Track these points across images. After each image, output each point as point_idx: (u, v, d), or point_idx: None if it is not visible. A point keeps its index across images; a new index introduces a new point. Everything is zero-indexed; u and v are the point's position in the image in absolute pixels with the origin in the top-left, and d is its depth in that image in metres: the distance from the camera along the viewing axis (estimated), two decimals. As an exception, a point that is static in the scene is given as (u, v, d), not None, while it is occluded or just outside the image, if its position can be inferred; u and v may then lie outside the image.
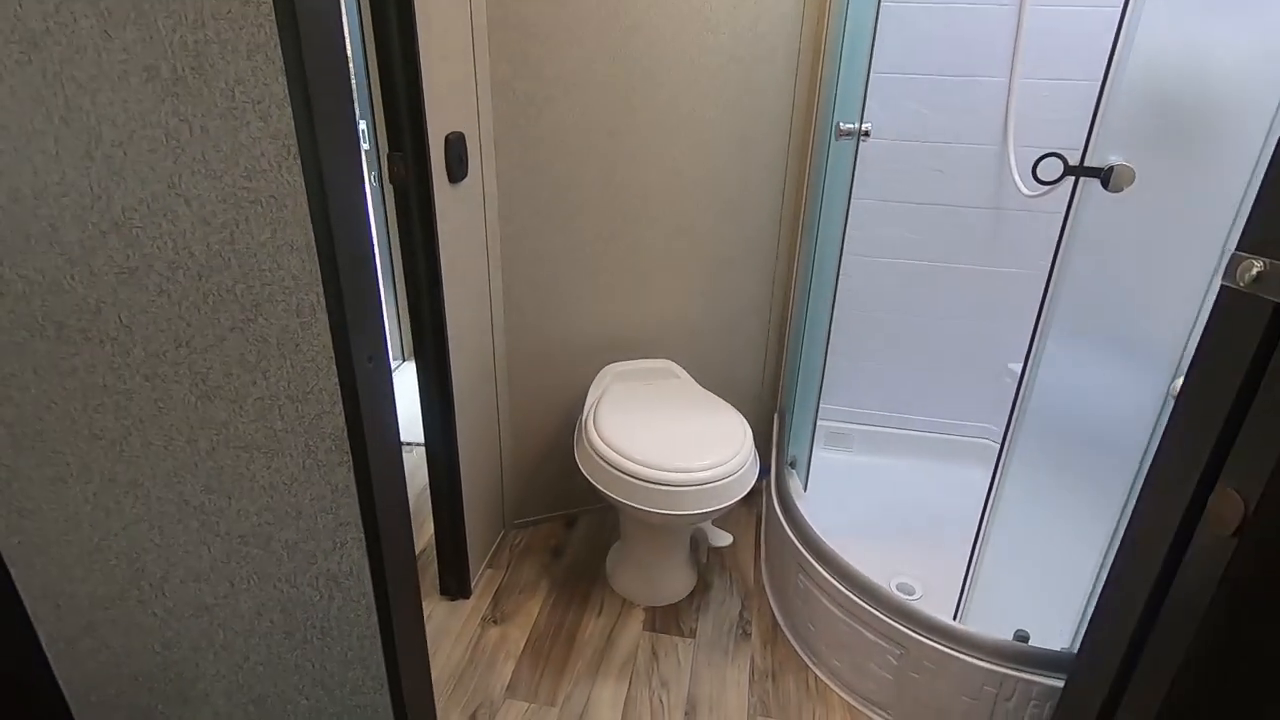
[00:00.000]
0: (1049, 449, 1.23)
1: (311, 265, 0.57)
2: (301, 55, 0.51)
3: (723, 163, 1.74)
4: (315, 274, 0.58)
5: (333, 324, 0.58)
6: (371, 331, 0.60)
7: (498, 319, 1.71)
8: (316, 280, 0.58)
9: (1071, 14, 1.59)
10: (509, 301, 1.74)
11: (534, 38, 1.52)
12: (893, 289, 1.93)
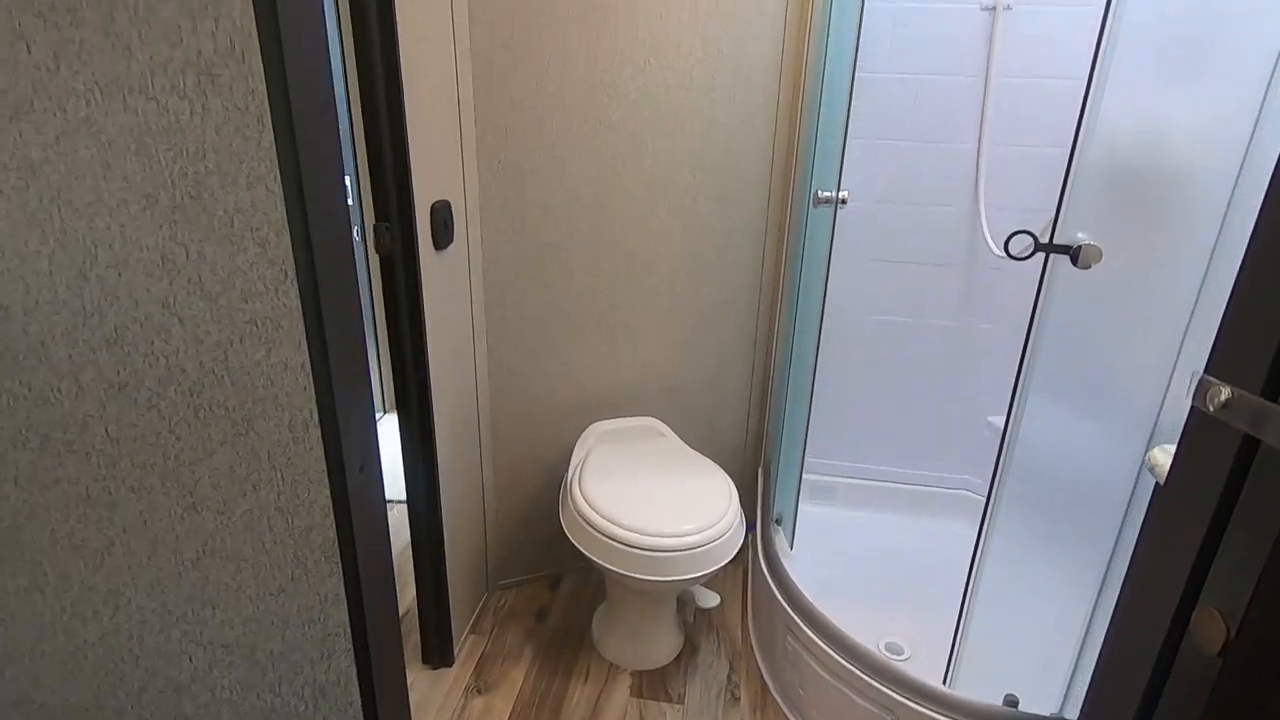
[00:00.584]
0: (1032, 507, 1.25)
1: (306, 383, 0.57)
2: (302, 187, 0.51)
3: (705, 223, 1.78)
4: (310, 392, 0.58)
5: (325, 437, 0.58)
6: (363, 440, 0.60)
7: (482, 378, 1.71)
8: (311, 398, 0.58)
9: (1033, 85, 1.66)
10: (493, 360, 1.74)
11: (519, 108, 1.55)
12: (872, 344, 1.97)
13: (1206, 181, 1.02)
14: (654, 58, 1.60)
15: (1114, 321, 1.14)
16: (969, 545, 1.96)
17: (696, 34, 1.61)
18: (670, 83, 1.63)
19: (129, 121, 0.51)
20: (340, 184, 0.54)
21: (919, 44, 1.67)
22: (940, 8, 1.63)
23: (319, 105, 0.51)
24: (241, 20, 0.49)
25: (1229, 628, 0.43)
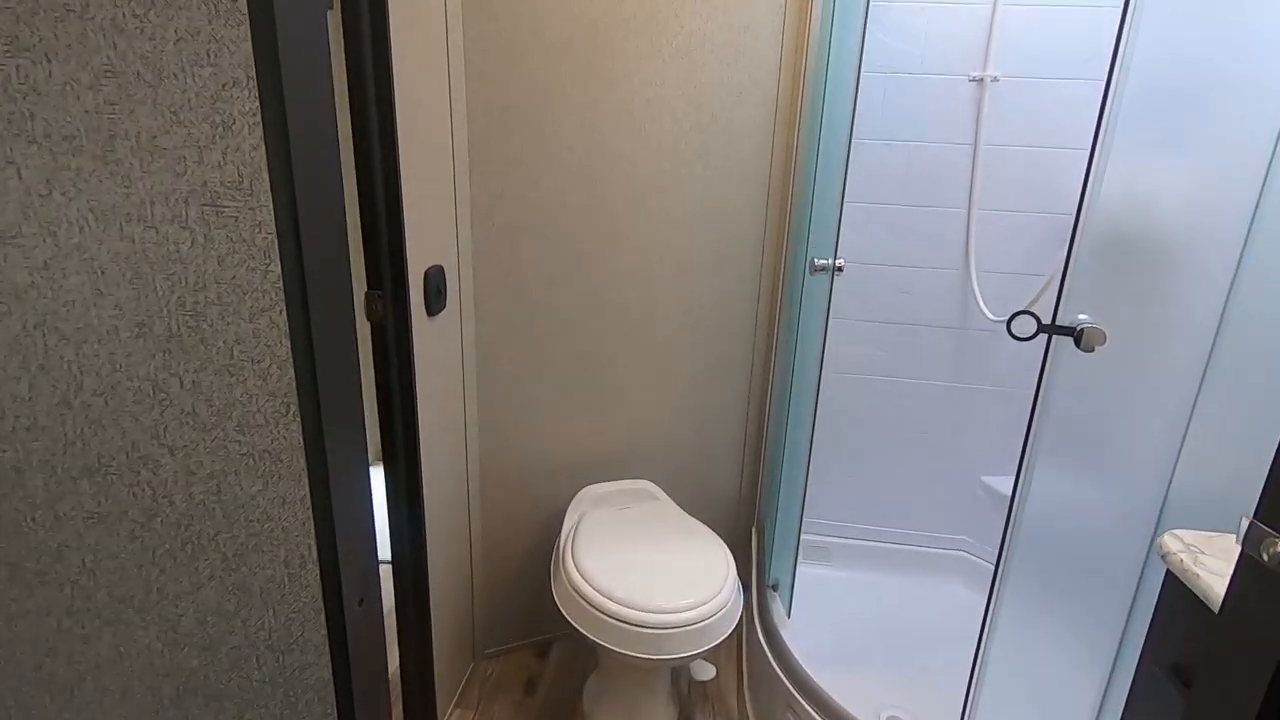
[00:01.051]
0: (1039, 578, 1.23)
1: (306, 519, 0.54)
2: (309, 320, 0.49)
3: (699, 285, 1.77)
4: (309, 528, 0.54)
5: (324, 572, 0.54)
6: (365, 573, 0.56)
7: (472, 439, 1.67)
8: (310, 534, 0.54)
9: (1020, 154, 1.69)
10: (484, 422, 1.70)
11: (515, 167, 1.55)
12: (866, 404, 1.96)
13: (1207, 258, 1.02)
14: (650, 123, 1.61)
15: (1118, 397, 1.13)
16: (966, 607, 1.93)
17: (692, 100, 1.63)
18: (665, 146, 1.64)
19: (124, 249, 0.48)
20: (350, 316, 0.52)
21: (909, 112, 1.69)
22: (930, 78, 1.67)
23: (331, 237, 0.49)
24: (251, 154, 0.47)
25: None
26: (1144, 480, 1.10)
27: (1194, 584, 0.88)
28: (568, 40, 1.51)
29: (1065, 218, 1.70)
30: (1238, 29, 0.99)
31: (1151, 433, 1.08)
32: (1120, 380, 1.10)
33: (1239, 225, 0.97)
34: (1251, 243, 0.97)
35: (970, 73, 1.64)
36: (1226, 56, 0.99)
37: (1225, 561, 0.89)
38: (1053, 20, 1.59)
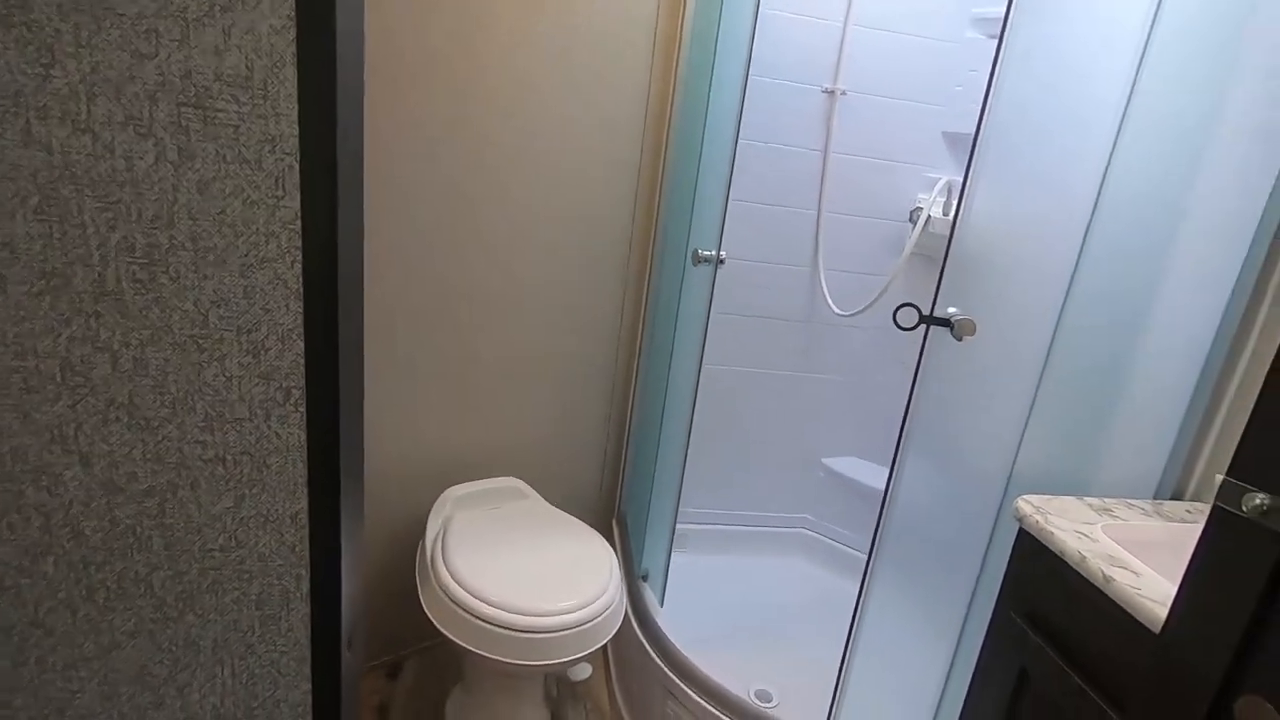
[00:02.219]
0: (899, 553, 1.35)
1: (298, 542, 0.40)
2: (335, 278, 0.36)
3: (566, 276, 1.71)
4: (302, 554, 0.40)
5: (317, 610, 0.41)
6: (357, 607, 0.43)
7: (317, 445, 1.46)
8: (302, 561, 0.40)
9: (865, 163, 1.86)
10: (330, 423, 1.49)
11: (370, 140, 1.37)
12: (720, 394, 2.03)
13: (1049, 267, 1.18)
14: (517, 106, 1.52)
15: (973, 386, 1.28)
16: (812, 581, 2.09)
17: (565, 80, 1.56)
18: (536, 131, 1.55)
19: (29, 160, 0.32)
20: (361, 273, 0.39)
21: (770, 115, 1.78)
22: (789, 86, 1.77)
23: (355, 165, 0.36)
24: (272, 38, 0.33)
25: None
26: (994, 458, 1.25)
27: (1049, 540, 1.02)
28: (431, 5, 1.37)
29: (901, 225, 1.91)
30: (1070, 74, 1.16)
31: (1002, 417, 1.23)
32: (978, 369, 1.24)
33: (1074, 240, 1.14)
34: (1084, 255, 1.14)
35: (823, 84, 1.77)
36: (1064, 96, 1.15)
37: (1067, 519, 1.05)
38: (895, 45, 1.77)
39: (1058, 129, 1.16)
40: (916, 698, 1.36)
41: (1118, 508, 1.12)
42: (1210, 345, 1.15)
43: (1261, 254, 1.10)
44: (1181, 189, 1.13)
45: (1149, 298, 1.17)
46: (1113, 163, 1.12)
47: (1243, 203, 1.09)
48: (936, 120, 1.84)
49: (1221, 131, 1.10)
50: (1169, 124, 1.10)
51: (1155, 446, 1.20)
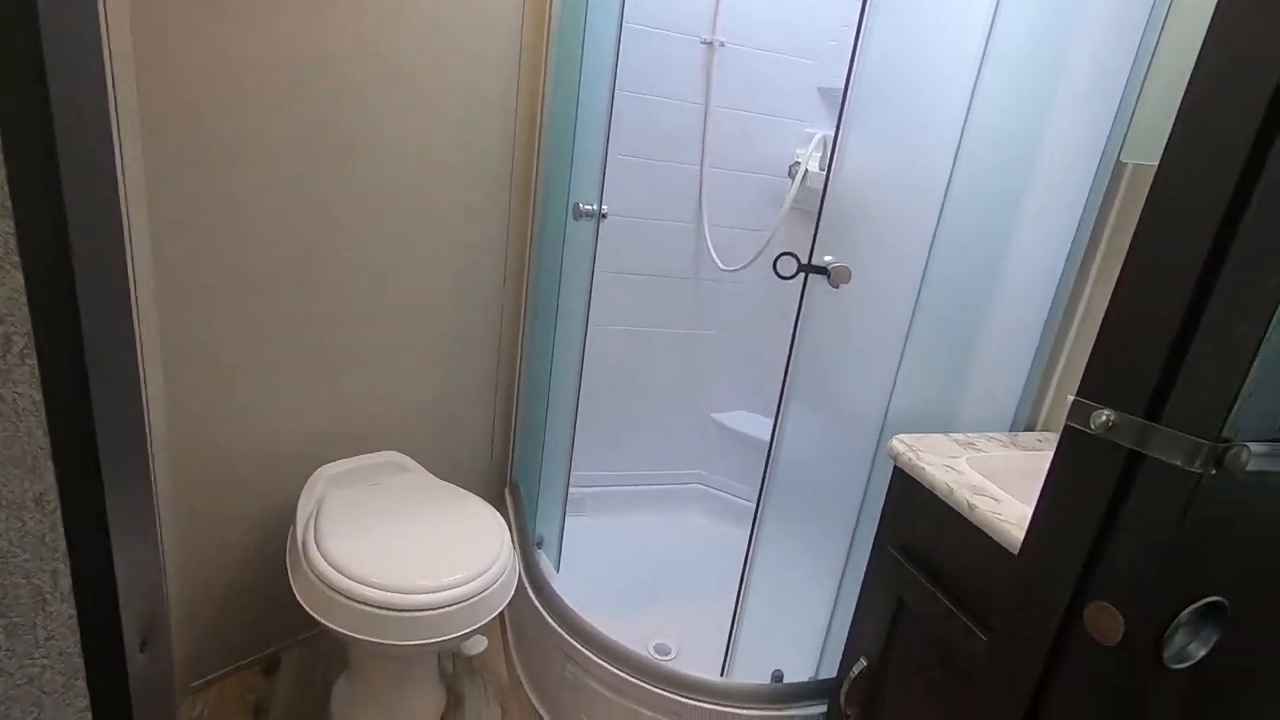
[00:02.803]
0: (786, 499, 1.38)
1: (50, 528, 0.31)
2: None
3: (441, 233, 1.60)
4: (55, 541, 0.32)
5: (86, 607, 0.33)
6: (151, 602, 0.35)
7: (159, 433, 1.30)
8: (58, 549, 0.31)
9: (745, 117, 1.86)
10: (173, 408, 1.33)
11: (206, 74, 1.20)
12: (610, 354, 2.00)
13: (917, 215, 1.22)
14: (384, 39, 1.38)
15: (849, 333, 1.31)
16: (706, 534, 2.13)
17: (430, 20, 1.44)
18: (402, 72, 1.43)
19: None
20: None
21: (647, 66, 1.73)
22: (667, 35, 1.72)
23: None
24: None
25: (1126, 619, 0.50)
26: (871, 402, 1.30)
27: (921, 475, 1.07)
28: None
29: (781, 179, 1.93)
30: (932, 26, 1.18)
31: (877, 361, 1.27)
32: (854, 317, 1.27)
33: (939, 188, 1.18)
34: (948, 203, 1.19)
35: (702, 34, 1.74)
36: (927, 50, 1.18)
37: (936, 455, 1.10)
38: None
39: (922, 81, 1.19)
40: (806, 634, 1.41)
41: (980, 441, 1.18)
42: (1057, 284, 1.23)
43: (1100, 196, 1.19)
44: (1032, 136, 1.19)
45: (1005, 240, 1.24)
46: (971, 113, 1.16)
47: (1084, 148, 1.16)
48: (812, 76, 1.86)
49: (1067, 80, 1.16)
50: (1021, 74, 1.15)
51: (1011, 382, 1.29)
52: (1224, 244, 0.44)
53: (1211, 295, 0.45)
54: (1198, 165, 0.46)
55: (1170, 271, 0.47)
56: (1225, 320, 0.44)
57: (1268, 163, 0.42)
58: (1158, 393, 0.48)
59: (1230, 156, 0.44)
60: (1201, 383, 0.45)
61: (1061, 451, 0.54)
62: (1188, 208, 0.46)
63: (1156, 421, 0.48)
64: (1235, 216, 0.44)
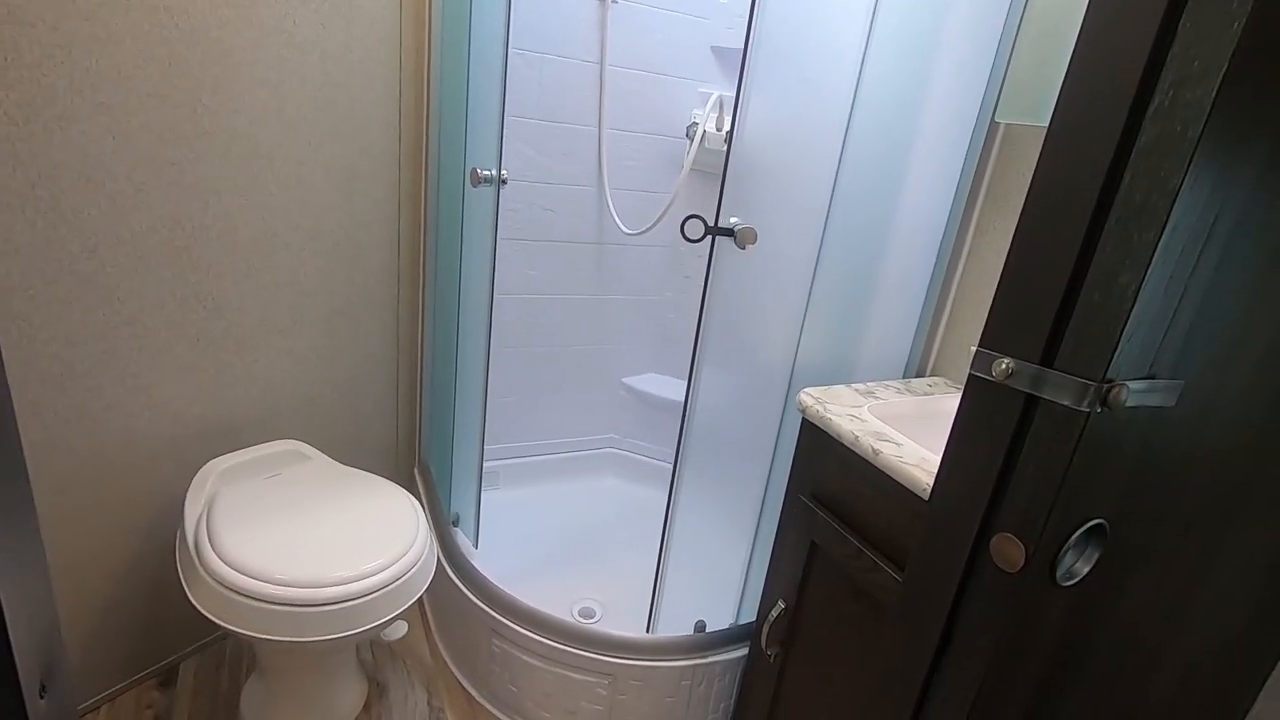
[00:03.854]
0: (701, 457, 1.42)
1: None
2: None
3: (328, 203, 1.49)
4: None
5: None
6: (48, 644, 0.31)
7: (10, 434, 1.15)
8: None
9: (642, 77, 1.83)
10: (27, 409, 1.18)
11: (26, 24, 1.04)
12: (515, 323, 1.96)
13: (814, 171, 1.25)
14: None
15: (760, 290, 1.35)
16: (622, 496, 2.16)
17: (297, -34, 1.31)
18: (269, 24, 1.30)
19: None
20: None
21: (539, 23, 1.67)
22: (557, -11, 1.66)
23: None
24: None
25: (1028, 548, 0.55)
26: (778, 357, 1.34)
27: (828, 426, 1.12)
28: None
29: (679, 140, 1.92)
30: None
31: (783, 318, 1.31)
32: (760, 275, 1.30)
33: (835, 145, 1.22)
34: (844, 159, 1.23)
35: (593, -10, 1.69)
36: (821, 7, 1.19)
37: (841, 405, 1.16)
38: (658, -49, 1.73)
39: (818, 43, 1.21)
40: (726, 583, 1.47)
41: (879, 389, 1.26)
42: (941, 236, 1.31)
43: (977, 153, 1.26)
44: (917, 96, 1.24)
45: (895, 196, 1.30)
46: (864, 69, 1.19)
47: (963, 107, 1.23)
48: (705, 34, 1.85)
49: (947, 43, 1.22)
50: (906, 37, 1.20)
51: (903, 331, 1.37)
52: (1107, 199, 0.48)
53: (1097, 249, 0.49)
54: (1081, 131, 0.50)
55: (1060, 228, 0.50)
56: (1109, 271, 0.48)
57: (1143, 126, 0.46)
58: (1051, 340, 0.52)
59: (1110, 120, 0.47)
60: (1088, 330, 0.50)
61: (966, 399, 0.58)
62: (1074, 169, 0.50)
63: (1050, 367, 0.52)
64: (1116, 177, 0.47)
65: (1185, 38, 0.44)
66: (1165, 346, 0.51)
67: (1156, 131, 0.45)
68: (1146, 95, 0.46)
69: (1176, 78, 0.44)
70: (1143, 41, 0.46)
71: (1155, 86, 0.45)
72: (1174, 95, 0.44)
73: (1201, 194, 0.46)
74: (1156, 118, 0.45)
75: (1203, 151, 0.44)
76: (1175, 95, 0.44)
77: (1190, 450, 0.63)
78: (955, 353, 1.34)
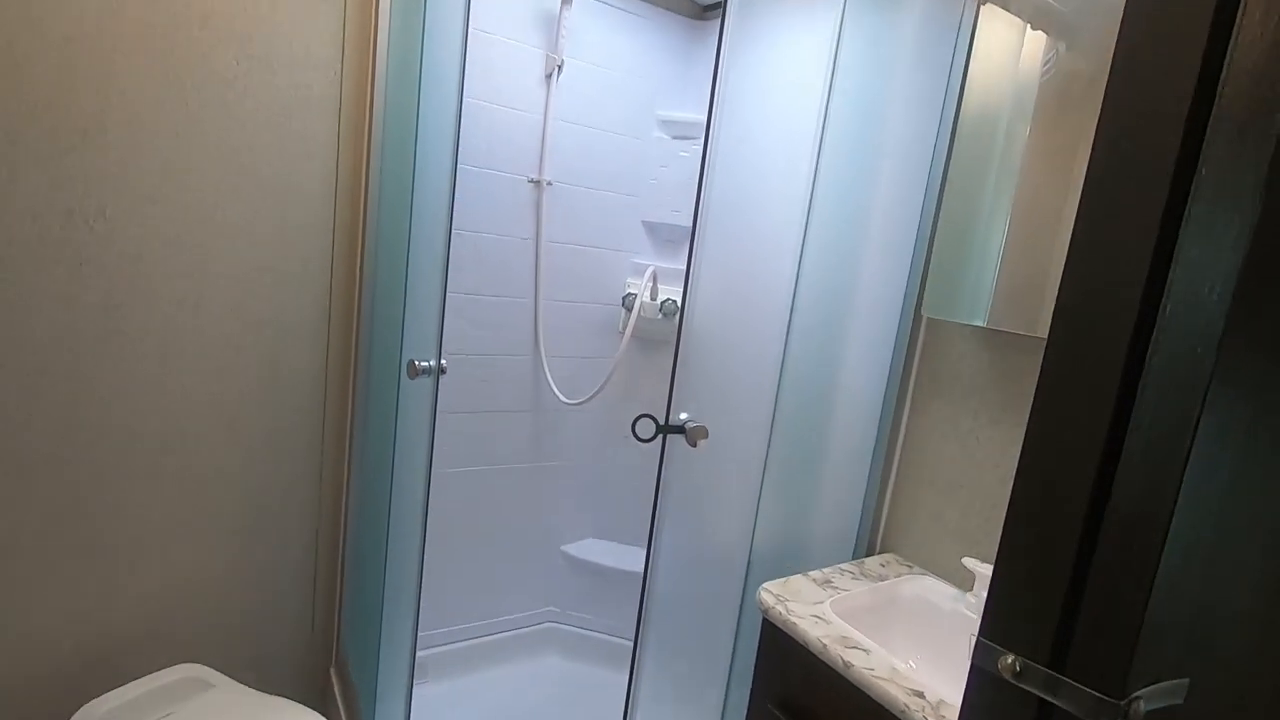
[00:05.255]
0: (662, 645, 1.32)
1: None
2: None
3: (247, 396, 1.40)
4: None
5: None
6: None
7: None
8: None
9: (576, 251, 1.88)
10: None
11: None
12: (450, 498, 1.85)
13: (762, 352, 1.27)
14: (169, 184, 1.21)
15: (709, 488, 1.32)
16: (565, 677, 1.99)
17: (230, 162, 1.30)
18: (192, 215, 1.26)
19: None
20: None
21: (476, 204, 1.70)
22: (496, 174, 1.71)
23: None
24: None
25: None
26: (735, 544, 1.31)
27: (793, 631, 1.08)
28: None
29: (615, 308, 1.96)
30: (764, 171, 1.26)
31: (737, 509, 1.29)
32: (712, 470, 1.29)
33: (780, 330, 1.25)
34: (789, 347, 1.26)
35: (530, 174, 1.75)
36: (761, 192, 1.26)
37: (801, 602, 1.12)
38: (593, 140, 1.82)
39: (760, 223, 1.26)
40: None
41: (835, 577, 1.23)
42: (880, 414, 1.35)
43: (905, 339, 1.33)
44: (850, 279, 1.31)
45: (836, 381, 1.34)
46: (803, 258, 1.24)
47: (890, 289, 1.31)
48: (636, 210, 1.94)
49: (872, 229, 1.30)
50: (839, 230, 1.28)
51: (851, 508, 1.38)
52: (1102, 492, 0.48)
53: (1094, 560, 0.48)
54: (1061, 431, 0.51)
55: (1055, 537, 0.50)
56: (1113, 582, 0.47)
57: (1129, 436, 0.47)
58: (1059, 639, 0.51)
59: (1097, 416, 0.48)
60: (1100, 634, 0.49)
61: (971, 693, 0.56)
62: (1060, 462, 0.51)
63: (1062, 672, 0.50)
64: (1109, 468, 0.48)
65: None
66: (1173, 643, 0.51)
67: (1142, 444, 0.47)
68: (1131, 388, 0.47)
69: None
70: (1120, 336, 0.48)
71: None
72: (1154, 420, 0.46)
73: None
74: (1137, 430, 0.47)
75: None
76: (1154, 421, 0.46)
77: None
78: (901, 527, 1.36)
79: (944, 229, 1.25)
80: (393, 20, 1.47)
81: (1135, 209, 0.48)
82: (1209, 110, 0.45)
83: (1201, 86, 0.45)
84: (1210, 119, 0.45)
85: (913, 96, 1.28)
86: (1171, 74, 0.47)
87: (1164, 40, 0.48)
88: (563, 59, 1.71)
